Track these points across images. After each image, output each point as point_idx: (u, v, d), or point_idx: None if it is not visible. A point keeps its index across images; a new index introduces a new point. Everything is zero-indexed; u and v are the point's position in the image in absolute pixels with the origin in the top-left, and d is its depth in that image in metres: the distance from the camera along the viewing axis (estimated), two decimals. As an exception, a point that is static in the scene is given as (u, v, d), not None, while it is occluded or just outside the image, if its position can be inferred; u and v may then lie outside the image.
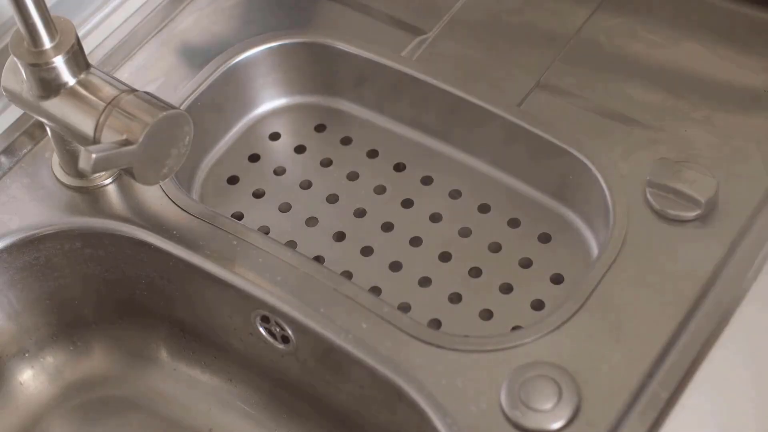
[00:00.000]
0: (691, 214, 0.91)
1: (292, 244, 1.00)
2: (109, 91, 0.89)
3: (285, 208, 1.03)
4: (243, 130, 1.08)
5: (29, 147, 1.00)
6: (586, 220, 0.98)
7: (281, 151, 1.07)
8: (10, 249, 0.95)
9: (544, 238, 0.99)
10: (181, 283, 0.95)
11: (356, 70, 1.05)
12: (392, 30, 1.06)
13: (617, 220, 0.91)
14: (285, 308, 0.89)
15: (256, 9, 1.08)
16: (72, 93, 0.89)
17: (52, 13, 0.88)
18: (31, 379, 1.01)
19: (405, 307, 0.95)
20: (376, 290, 0.97)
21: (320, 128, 1.08)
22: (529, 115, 0.98)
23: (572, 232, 0.98)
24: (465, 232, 1.00)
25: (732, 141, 0.95)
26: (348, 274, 0.98)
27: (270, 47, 1.06)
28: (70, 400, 1.01)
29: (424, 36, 1.05)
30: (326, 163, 1.06)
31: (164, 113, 0.87)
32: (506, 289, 0.96)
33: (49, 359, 1.01)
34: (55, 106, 0.90)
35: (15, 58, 0.89)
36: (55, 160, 0.98)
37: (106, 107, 0.88)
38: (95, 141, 0.88)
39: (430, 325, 0.94)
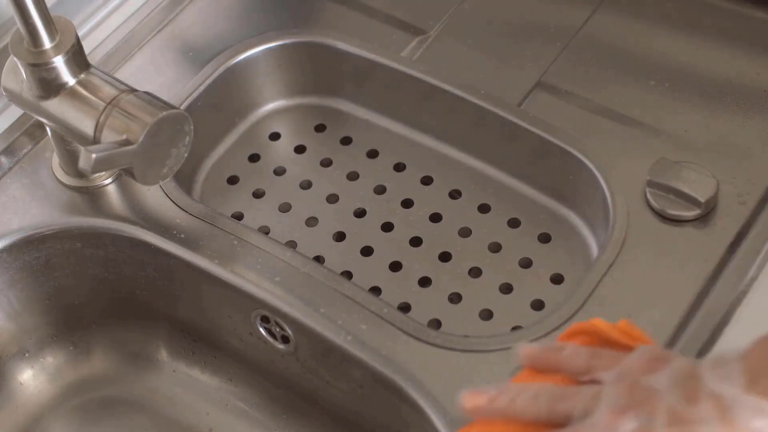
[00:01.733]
0: (691, 214, 0.91)
1: (292, 244, 1.00)
2: (109, 91, 0.89)
3: (285, 208, 1.03)
4: (243, 130, 1.08)
5: (29, 147, 0.99)
6: (586, 220, 0.98)
7: (281, 151, 1.07)
8: (10, 249, 0.95)
9: (544, 238, 0.99)
10: (181, 283, 0.95)
11: (356, 70, 1.05)
12: (392, 30, 1.06)
13: (617, 220, 0.91)
14: (285, 308, 0.89)
15: (256, 9, 1.08)
16: (72, 93, 0.89)
17: (52, 13, 0.88)
18: (31, 379, 1.01)
19: (405, 307, 0.95)
20: (376, 290, 0.97)
21: (320, 128, 1.08)
22: (529, 115, 0.98)
23: (572, 232, 0.98)
24: (465, 232, 1.00)
25: (732, 141, 0.95)
26: (348, 274, 0.98)
27: (270, 47, 1.06)
28: (70, 400, 1.01)
29: (424, 36, 1.05)
30: (326, 163, 1.06)
31: (164, 113, 0.87)
32: (506, 289, 0.96)
33: (49, 359, 1.01)
34: (55, 106, 0.90)
35: (15, 58, 0.89)
36: (55, 160, 0.98)
37: (106, 107, 0.88)
38: (95, 141, 0.88)
39: (430, 325, 0.94)
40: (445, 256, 0.99)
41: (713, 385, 0.65)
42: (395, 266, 0.98)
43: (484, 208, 1.01)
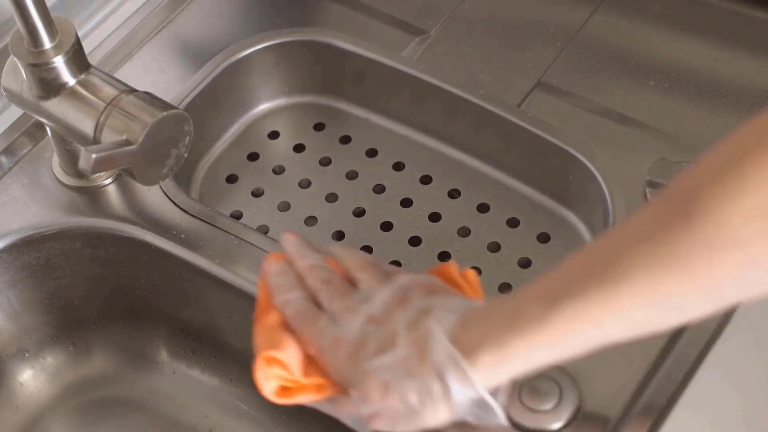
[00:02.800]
0: (691, 215, 0.91)
1: (291, 244, 1.00)
2: (109, 91, 0.89)
3: (284, 207, 1.03)
4: (242, 129, 1.08)
5: (29, 147, 0.99)
6: (585, 220, 0.98)
7: (280, 150, 1.07)
8: (10, 249, 0.94)
9: (543, 238, 0.99)
10: (181, 283, 0.95)
11: (356, 69, 1.05)
12: (392, 30, 1.06)
13: (617, 220, 0.91)
14: (285, 308, 0.89)
15: (256, 8, 1.08)
16: (72, 93, 0.89)
17: (52, 13, 0.88)
18: (31, 379, 1.01)
19: (405, 307, 0.95)
20: (375, 290, 0.97)
21: (319, 127, 1.08)
22: (529, 115, 0.98)
23: (571, 232, 0.98)
24: (464, 232, 1.00)
25: (732, 141, 0.95)
26: (348, 274, 0.98)
27: (269, 46, 1.06)
28: (69, 400, 1.01)
29: (424, 36, 1.05)
30: (325, 162, 1.06)
31: (164, 113, 0.87)
32: (505, 289, 0.96)
33: (49, 359, 1.01)
34: (55, 106, 0.89)
35: (15, 58, 0.89)
36: (55, 160, 0.97)
37: (106, 107, 0.88)
38: (95, 141, 0.88)
39: (430, 324, 0.94)
40: (444, 256, 0.99)
41: (431, 321, 0.73)
42: (394, 265, 0.98)
43: (483, 208, 1.01)
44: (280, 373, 0.76)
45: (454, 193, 1.02)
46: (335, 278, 0.79)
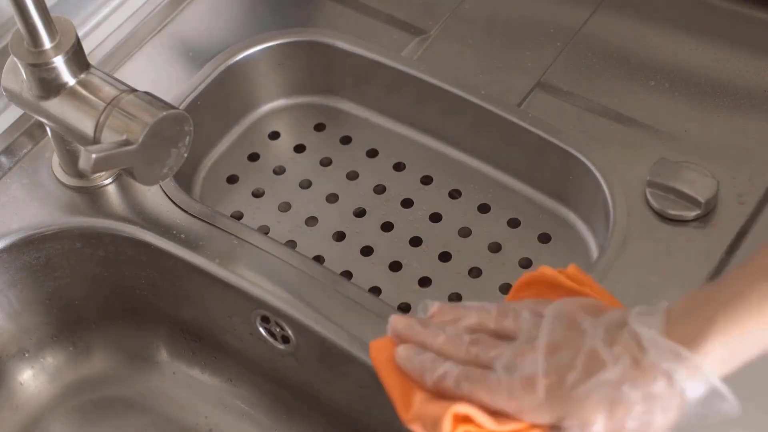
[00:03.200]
0: (691, 214, 0.91)
1: (291, 244, 1.00)
2: (109, 91, 0.89)
3: (284, 207, 1.03)
4: (242, 130, 1.08)
5: (29, 147, 0.99)
6: (585, 220, 0.98)
7: (281, 150, 1.07)
8: (10, 249, 0.95)
9: (544, 238, 0.99)
10: (181, 283, 0.95)
11: (356, 70, 1.05)
12: (392, 30, 1.06)
13: (617, 220, 0.91)
14: (285, 308, 0.89)
15: (256, 8, 1.08)
16: (72, 93, 0.89)
17: (52, 13, 0.88)
18: (31, 379, 1.01)
19: (405, 307, 0.95)
20: (376, 290, 0.97)
21: (320, 127, 1.08)
22: (529, 115, 0.98)
23: (572, 233, 0.98)
24: (465, 232, 1.00)
25: (732, 141, 0.95)
26: (348, 274, 0.98)
27: (269, 46, 1.06)
28: (69, 400, 1.01)
29: (424, 36, 1.05)
30: (326, 162, 1.06)
31: (164, 113, 0.87)
32: (506, 289, 0.96)
33: (49, 359, 1.01)
34: (55, 106, 0.90)
35: (15, 58, 0.89)
36: (55, 160, 0.98)
37: (106, 107, 0.88)
38: (95, 141, 0.88)
39: (430, 325, 0.94)
40: (445, 256, 0.99)
41: (634, 327, 0.69)
42: (395, 266, 0.98)
43: (483, 208, 1.01)
44: (469, 429, 0.71)
45: (454, 194, 1.02)
46: (479, 336, 0.74)
